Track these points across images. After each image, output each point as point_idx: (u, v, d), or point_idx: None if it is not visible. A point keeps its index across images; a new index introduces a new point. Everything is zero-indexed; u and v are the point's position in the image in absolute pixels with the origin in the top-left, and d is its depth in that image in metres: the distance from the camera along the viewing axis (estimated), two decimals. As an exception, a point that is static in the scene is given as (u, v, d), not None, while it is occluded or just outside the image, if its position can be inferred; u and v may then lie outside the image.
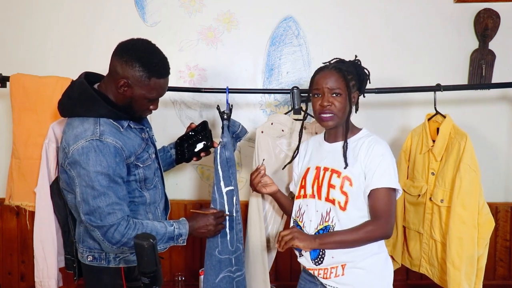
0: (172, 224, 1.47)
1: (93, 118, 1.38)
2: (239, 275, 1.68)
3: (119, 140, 1.38)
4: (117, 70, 1.38)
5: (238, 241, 1.67)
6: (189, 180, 2.38)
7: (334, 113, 1.42)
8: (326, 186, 1.43)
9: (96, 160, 1.32)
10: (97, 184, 1.32)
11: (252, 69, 2.34)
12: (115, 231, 1.35)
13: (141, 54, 1.38)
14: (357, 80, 1.49)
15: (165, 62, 1.43)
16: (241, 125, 1.75)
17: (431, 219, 1.87)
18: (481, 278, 1.78)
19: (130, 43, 1.41)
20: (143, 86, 1.39)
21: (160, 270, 1.24)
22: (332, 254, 1.40)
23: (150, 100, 1.44)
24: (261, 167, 1.63)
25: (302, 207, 1.51)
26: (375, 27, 2.31)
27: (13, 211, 2.32)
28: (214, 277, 1.63)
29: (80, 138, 1.34)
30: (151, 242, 1.18)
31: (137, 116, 1.49)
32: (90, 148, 1.32)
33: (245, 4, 2.31)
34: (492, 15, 2.27)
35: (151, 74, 1.38)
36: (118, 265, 1.48)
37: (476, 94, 2.32)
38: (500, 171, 2.36)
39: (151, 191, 1.52)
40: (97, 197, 1.33)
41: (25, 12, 2.31)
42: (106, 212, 1.34)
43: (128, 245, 1.38)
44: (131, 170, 1.43)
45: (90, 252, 1.48)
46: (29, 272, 2.35)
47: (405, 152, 1.99)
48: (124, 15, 2.30)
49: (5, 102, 2.26)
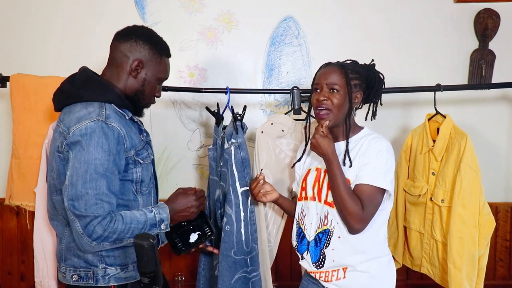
0: (152, 210, 1.33)
1: (98, 102, 1.29)
2: (254, 275, 1.65)
3: (124, 128, 1.30)
4: (126, 54, 1.36)
5: (254, 241, 1.65)
6: (189, 180, 2.38)
7: (329, 109, 1.40)
8: (326, 188, 1.43)
9: (99, 142, 1.22)
10: (92, 168, 1.21)
11: (252, 69, 2.34)
12: (98, 224, 1.20)
13: (148, 33, 1.41)
14: (364, 81, 1.46)
15: (167, 43, 1.46)
16: (246, 126, 1.75)
17: (431, 219, 1.87)
18: (482, 278, 1.78)
19: (132, 27, 1.43)
20: (156, 64, 1.40)
21: (160, 270, 1.24)
22: (333, 257, 1.39)
23: (160, 81, 1.44)
24: (260, 176, 1.62)
25: (304, 210, 1.50)
26: (375, 27, 2.31)
27: (13, 211, 2.32)
28: (229, 278, 1.61)
29: (84, 119, 1.25)
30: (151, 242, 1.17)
31: (145, 104, 1.44)
32: (95, 128, 1.23)
33: (245, 4, 2.31)
34: (492, 15, 2.27)
35: (162, 52, 1.41)
36: (108, 284, 1.33)
37: (476, 94, 2.32)
38: (500, 171, 2.36)
39: (145, 197, 1.41)
40: (88, 182, 1.20)
41: (25, 12, 2.31)
42: (93, 201, 1.20)
43: (109, 239, 1.23)
44: (129, 166, 1.33)
45: (74, 271, 1.33)
46: (29, 272, 2.35)
47: (406, 152, 1.99)
48: (124, 15, 2.30)
49: (5, 102, 2.26)
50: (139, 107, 1.44)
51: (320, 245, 1.41)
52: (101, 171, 1.22)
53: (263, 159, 1.83)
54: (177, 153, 2.35)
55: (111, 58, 1.40)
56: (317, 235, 1.42)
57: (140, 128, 1.46)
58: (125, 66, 1.36)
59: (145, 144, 1.44)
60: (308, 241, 1.46)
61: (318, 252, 1.42)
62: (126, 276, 1.37)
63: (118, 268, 1.35)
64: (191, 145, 2.36)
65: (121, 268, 1.35)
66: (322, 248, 1.41)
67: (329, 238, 1.39)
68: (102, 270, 1.33)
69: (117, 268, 1.35)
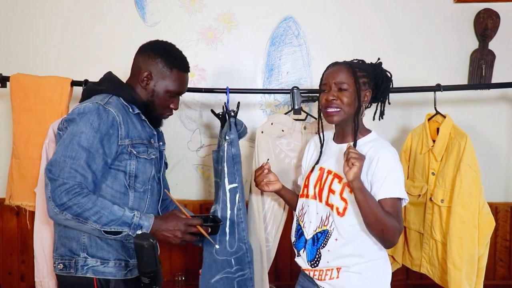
0: (134, 211, 1.33)
1: (107, 94, 1.40)
2: (241, 274, 1.62)
3: (121, 116, 1.37)
4: (140, 66, 1.46)
5: (241, 240, 1.61)
6: (189, 180, 2.38)
7: (340, 108, 1.40)
8: (326, 190, 1.42)
9: (89, 119, 1.30)
10: (76, 140, 1.28)
11: (252, 69, 2.34)
12: (65, 190, 1.23)
13: (163, 47, 1.49)
14: (372, 80, 1.46)
15: (185, 58, 1.52)
16: (244, 125, 1.75)
17: (431, 219, 1.87)
18: (482, 278, 1.78)
19: (152, 42, 1.51)
20: (165, 77, 1.46)
21: (160, 270, 1.24)
22: (328, 258, 1.38)
23: (172, 95, 1.48)
24: (266, 165, 1.61)
25: (304, 207, 1.50)
26: (375, 27, 2.31)
27: (13, 211, 2.32)
28: (210, 277, 1.59)
29: (86, 102, 1.37)
30: (151, 242, 1.18)
31: (158, 114, 1.50)
32: (92, 109, 1.32)
33: (245, 4, 2.31)
34: (492, 15, 2.27)
35: (172, 65, 1.46)
36: (85, 275, 1.35)
37: (476, 94, 2.32)
38: (500, 171, 2.36)
39: (138, 194, 1.42)
40: (69, 151, 1.26)
41: (25, 12, 2.31)
42: (67, 169, 1.25)
43: (72, 211, 1.24)
44: (123, 156, 1.37)
45: (61, 260, 1.38)
46: (29, 272, 2.35)
47: (405, 152, 1.99)
48: (124, 15, 2.30)
49: (5, 102, 2.26)
50: (154, 117, 1.50)
51: (317, 244, 1.41)
52: (84, 145, 1.28)
53: (263, 159, 1.83)
54: (177, 153, 2.35)
55: (131, 68, 1.50)
56: (316, 234, 1.42)
57: (153, 132, 1.51)
58: (138, 77, 1.46)
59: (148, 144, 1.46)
60: (306, 239, 1.46)
61: (314, 251, 1.42)
62: (104, 271, 1.37)
63: (98, 261, 1.37)
64: (191, 145, 2.36)
65: (101, 261, 1.37)
66: (319, 248, 1.41)
67: (327, 239, 1.39)
68: (82, 260, 1.36)
69: (97, 260, 1.37)
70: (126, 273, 1.40)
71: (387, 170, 1.33)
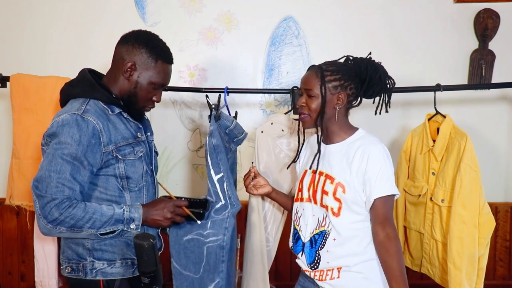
0: (122, 207, 1.34)
1: (84, 98, 1.36)
2: (213, 240, 1.53)
3: (101, 122, 1.33)
4: (123, 56, 1.40)
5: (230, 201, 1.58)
6: (189, 180, 2.38)
7: (308, 114, 1.42)
8: (320, 191, 1.42)
9: (69, 132, 1.28)
10: (59, 154, 1.26)
11: (252, 69, 2.34)
12: (55, 206, 1.23)
13: (147, 38, 1.43)
14: (352, 80, 1.41)
15: (169, 49, 1.47)
16: (235, 121, 1.73)
17: (431, 219, 1.87)
18: (482, 278, 1.78)
19: (135, 32, 1.45)
20: (149, 68, 1.40)
21: (160, 270, 1.24)
22: (328, 259, 1.38)
23: (155, 87, 1.43)
24: (252, 169, 1.64)
25: (299, 211, 1.50)
26: (375, 27, 2.31)
27: (13, 211, 2.32)
28: (183, 234, 1.54)
29: (63, 112, 1.32)
30: (151, 242, 1.18)
31: (140, 107, 1.45)
32: (70, 120, 1.29)
33: (245, 4, 2.31)
34: (492, 15, 2.27)
35: (157, 56, 1.41)
36: (95, 278, 1.37)
37: (476, 94, 2.32)
38: (500, 171, 2.36)
39: (134, 194, 1.41)
40: (53, 166, 1.25)
41: (26, 12, 2.31)
42: (54, 183, 1.24)
43: (66, 224, 1.25)
44: (110, 162, 1.36)
45: (68, 263, 1.38)
46: (29, 272, 2.35)
47: (406, 152, 1.99)
48: (124, 15, 2.30)
49: (5, 102, 2.26)
50: (135, 110, 1.45)
51: (316, 246, 1.41)
52: (67, 158, 1.27)
53: (263, 159, 1.83)
54: (177, 153, 2.36)
55: (112, 59, 1.44)
56: (313, 236, 1.42)
57: (138, 126, 1.47)
58: (120, 68, 1.40)
59: (135, 141, 1.43)
60: (303, 243, 1.46)
61: (313, 254, 1.42)
62: (112, 272, 1.38)
63: (105, 263, 1.38)
64: (191, 145, 2.37)
65: (108, 263, 1.37)
66: (317, 249, 1.40)
67: (325, 239, 1.39)
68: (90, 264, 1.37)
69: (104, 263, 1.37)
70: (133, 271, 1.41)
71: (378, 168, 1.33)
